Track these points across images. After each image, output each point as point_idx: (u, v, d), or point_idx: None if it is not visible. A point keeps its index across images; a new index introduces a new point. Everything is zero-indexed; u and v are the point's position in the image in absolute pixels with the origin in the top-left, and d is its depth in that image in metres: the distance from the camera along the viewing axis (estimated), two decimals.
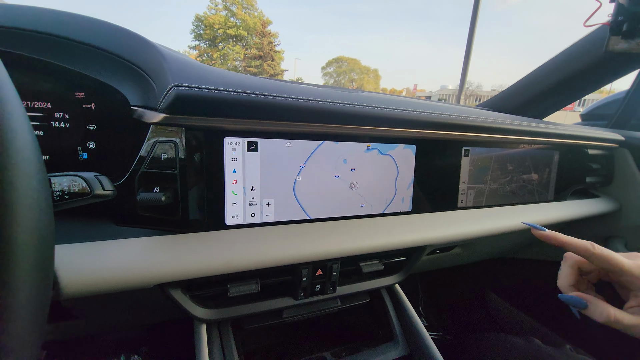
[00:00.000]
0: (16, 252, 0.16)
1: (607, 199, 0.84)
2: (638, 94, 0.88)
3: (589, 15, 0.66)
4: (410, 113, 0.48)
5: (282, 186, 0.44)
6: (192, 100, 0.34)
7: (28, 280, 0.17)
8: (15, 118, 0.17)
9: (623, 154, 0.83)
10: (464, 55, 6.82)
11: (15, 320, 0.17)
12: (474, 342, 0.64)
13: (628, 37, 0.59)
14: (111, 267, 0.33)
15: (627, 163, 0.82)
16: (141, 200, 0.35)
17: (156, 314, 0.60)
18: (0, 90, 0.17)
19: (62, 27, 0.37)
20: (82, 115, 0.37)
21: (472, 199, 0.62)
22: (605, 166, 0.83)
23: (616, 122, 0.92)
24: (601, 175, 0.83)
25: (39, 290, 0.18)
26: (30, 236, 0.17)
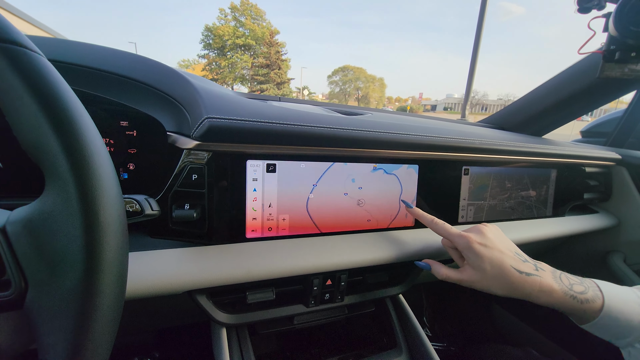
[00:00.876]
0: (107, 266, 0.21)
1: (606, 214, 0.86)
2: (635, 114, 0.92)
3: (582, 43, 0.70)
4: (414, 137, 0.53)
5: (296, 203, 0.49)
6: (222, 130, 0.40)
7: (112, 288, 0.21)
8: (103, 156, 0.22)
9: (620, 171, 0.86)
10: (470, 65, 6.88)
11: (98, 324, 0.21)
12: (472, 354, 0.67)
13: (620, 64, 0.63)
14: (150, 275, 0.38)
15: (624, 180, 0.85)
16: (176, 217, 0.40)
17: (171, 319, 0.64)
18: (91, 133, 0.22)
19: (110, 63, 0.43)
20: (125, 140, 0.43)
21: (472, 214, 0.66)
22: (603, 183, 0.86)
23: (614, 140, 0.95)
24: (599, 191, 0.86)
25: (118, 297, 0.22)
26: (116, 252, 0.21)
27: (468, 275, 0.43)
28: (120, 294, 0.22)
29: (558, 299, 0.39)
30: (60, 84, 0.21)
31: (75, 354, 0.20)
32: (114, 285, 0.21)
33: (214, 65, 30.71)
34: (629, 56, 0.60)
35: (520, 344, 0.70)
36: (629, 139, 0.94)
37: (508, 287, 0.41)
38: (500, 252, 0.42)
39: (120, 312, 0.23)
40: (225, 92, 0.52)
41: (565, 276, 0.41)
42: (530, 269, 0.41)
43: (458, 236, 0.45)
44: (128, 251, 0.24)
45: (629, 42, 0.56)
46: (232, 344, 0.47)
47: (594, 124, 1.08)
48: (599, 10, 0.64)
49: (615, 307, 0.37)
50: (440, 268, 0.47)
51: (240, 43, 29.62)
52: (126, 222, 0.23)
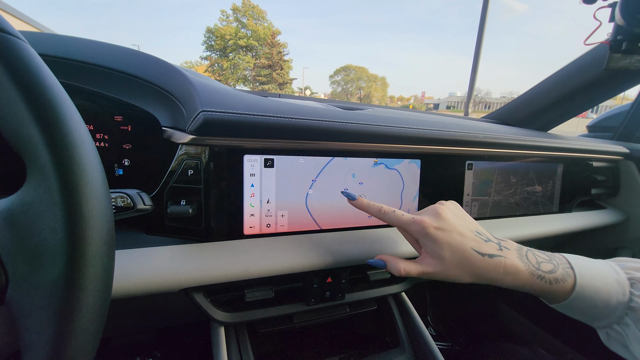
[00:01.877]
0: (90, 260, 0.20)
1: (613, 210, 0.84)
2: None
3: (589, 34, 0.69)
4: (415, 130, 0.52)
5: (295, 199, 0.48)
6: (217, 123, 0.39)
7: (97, 284, 0.20)
8: (88, 147, 0.22)
9: (628, 166, 0.84)
10: (472, 63, 6.83)
11: (82, 320, 0.20)
12: (479, 352, 0.66)
13: (627, 54, 0.61)
14: (145, 272, 0.37)
15: (632, 175, 0.83)
16: (171, 213, 0.39)
17: (170, 318, 0.63)
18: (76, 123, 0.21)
19: (104, 57, 0.43)
20: (119, 136, 0.42)
21: (476, 210, 0.65)
22: (610, 178, 0.84)
23: (621, 135, 0.93)
24: (607, 187, 0.84)
25: (103, 293, 0.21)
26: (100, 246, 0.20)
27: (428, 265, 0.37)
28: (105, 291, 0.21)
29: (524, 281, 0.35)
30: (42, 70, 0.20)
31: (57, 351, 0.19)
32: (98, 280, 0.21)
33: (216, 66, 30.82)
34: (636, 46, 0.59)
35: (527, 342, 0.68)
36: (637, 133, 0.91)
37: (472, 272, 0.36)
38: (460, 235, 0.36)
39: (106, 310, 0.22)
40: (222, 87, 0.52)
41: (532, 253, 0.37)
42: (493, 250, 0.36)
43: (411, 222, 0.39)
44: (114, 246, 0.23)
45: (636, 31, 0.54)
46: (230, 343, 0.46)
47: (601, 118, 1.06)
48: (604, 0, 0.62)
49: (589, 286, 0.33)
50: (397, 263, 0.39)
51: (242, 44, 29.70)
52: (112, 216, 0.22)
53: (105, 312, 0.23)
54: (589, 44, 0.68)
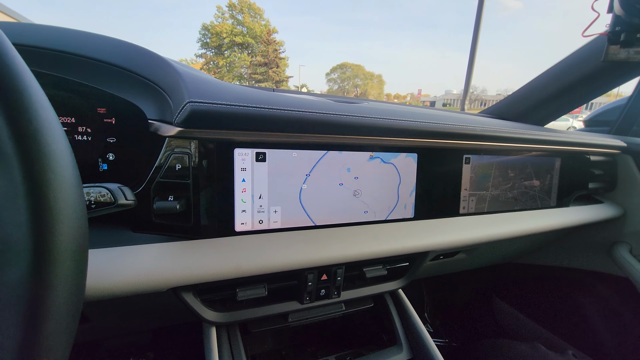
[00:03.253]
0: (59, 257, 0.18)
1: (611, 204, 0.84)
2: (639, 101, 0.89)
3: (587, 26, 0.67)
4: (411, 123, 0.50)
5: (289, 194, 0.46)
6: (205, 115, 0.37)
7: (67, 283, 0.19)
8: (57, 138, 0.20)
9: (626, 160, 0.83)
10: (468, 60, 6.84)
11: (53, 320, 0.19)
12: (479, 349, 0.65)
13: (626, 46, 0.60)
14: (129, 272, 0.36)
15: (630, 169, 0.82)
16: (157, 209, 0.37)
17: (162, 319, 0.62)
18: (45, 113, 0.19)
19: (86, 47, 0.41)
20: (103, 129, 0.40)
21: (473, 205, 0.63)
22: (608, 172, 0.83)
23: (618, 129, 0.93)
24: (604, 181, 0.83)
25: (75, 293, 0.20)
26: (70, 243, 0.19)
27: None
28: (77, 290, 0.20)
29: None
30: (7, 56, 0.18)
31: (25, 353, 0.17)
32: (69, 279, 0.19)
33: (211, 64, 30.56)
34: (634, 37, 0.58)
35: (524, 338, 0.68)
36: (634, 126, 0.91)
37: None
38: None
39: (78, 310, 0.21)
40: (211, 78, 0.50)
41: None
42: None
43: None
44: (87, 242, 0.21)
45: (635, 21, 0.53)
46: (221, 344, 0.44)
47: (598, 112, 1.05)
48: None
49: None
50: None
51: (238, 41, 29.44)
52: (85, 210, 0.21)
53: (78, 313, 0.21)
54: (587, 36, 0.66)
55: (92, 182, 0.36)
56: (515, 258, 1.06)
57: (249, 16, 29.81)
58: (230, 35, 29.16)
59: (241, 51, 30.83)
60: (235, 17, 29.72)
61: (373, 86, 51.69)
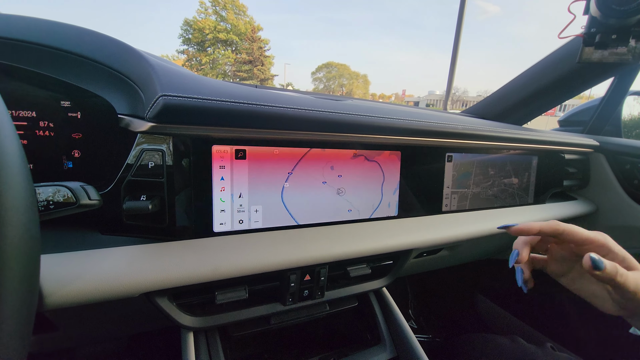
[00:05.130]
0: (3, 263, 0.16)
1: (584, 201, 0.87)
2: (611, 102, 0.93)
3: (563, 27, 0.70)
4: (396, 121, 0.50)
5: (270, 193, 0.45)
6: (180, 110, 0.35)
7: (14, 291, 0.17)
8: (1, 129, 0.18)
9: (598, 158, 0.87)
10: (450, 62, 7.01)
11: (1, 331, 0.17)
12: (461, 344, 0.66)
13: (600, 47, 0.62)
14: (96, 277, 0.33)
15: (602, 167, 0.86)
16: (127, 209, 0.34)
17: (140, 324, 0.59)
18: None
19: (47, 36, 0.37)
20: (67, 124, 0.37)
21: (455, 203, 0.64)
22: (581, 170, 0.87)
23: (591, 128, 0.97)
24: (578, 178, 0.86)
25: (25, 302, 0.18)
26: (16, 248, 0.17)
27: None
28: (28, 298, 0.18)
29: None
30: None
31: None
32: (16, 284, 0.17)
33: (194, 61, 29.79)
34: (609, 39, 0.59)
35: (505, 332, 0.69)
36: (606, 126, 0.95)
37: None
38: None
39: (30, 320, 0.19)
40: (186, 71, 0.47)
41: None
42: None
43: None
44: (39, 246, 0.19)
45: (611, 22, 0.55)
46: (199, 350, 0.42)
47: (572, 113, 1.10)
48: None
49: None
50: None
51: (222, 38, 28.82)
52: (35, 211, 0.19)
53: (31, 322, 0.19)
54: (563, 37, 0.68)
55: (57, 180, 0.33)
56: (495, 254, 1.09)
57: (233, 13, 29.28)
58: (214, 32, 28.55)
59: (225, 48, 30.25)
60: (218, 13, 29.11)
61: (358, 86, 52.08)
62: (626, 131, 1.02)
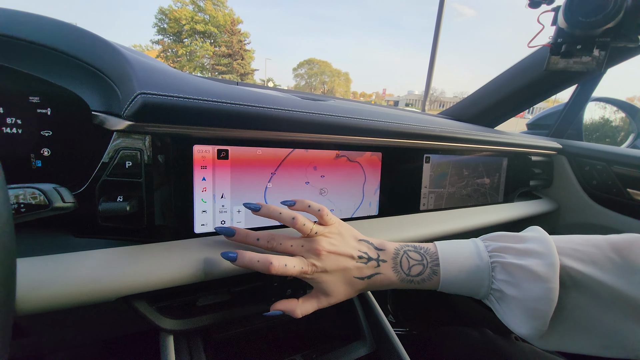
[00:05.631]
0: None
1: (547, 200, 0.94)
2: (574, 107, 1.01)
3: (532, 37, 0.74)
4: (378, 123, 0.51)
5: (253, 193, 0.45)
6: (159, 109, 0.34)
7: None
8: None
9: (561, 160, 0.93)
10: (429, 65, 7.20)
11: None
12: (435, 337, 0.69)
13: (566, 56, 0.67)
14: (70, 281, 0.32)
15: (564, 168, 0.93)
16: (103, 211, 0.33)
17: (116, 328, 0.57)
18: None
19: (14, 27, 0.35)
20: (36, 120, 0.35)
21: (432, 202, 0.67)
22: (545, 171, 0.93)
23: (555, 132, 1.04)
24: (542, 179, 0.93)
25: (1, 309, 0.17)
26: None
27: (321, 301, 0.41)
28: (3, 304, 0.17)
29: (397, 285, 0.40)
30: None
31: None
32: None
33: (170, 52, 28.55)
34: (574, 49, 0.64)
35: (477, 324, 0.74)
36: (569, 130, 1.02)
37: (355, 291, 0.41)
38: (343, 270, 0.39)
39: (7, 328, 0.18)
40: (166, 67, 0.46)
41: (407, 257, 0.40)
42: (371, 270, 0.40)
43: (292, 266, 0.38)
44: (14, 251, 0.18)
45: (576, 33, 0.59)
46: (180, 353, 0.42)
47: (538, 117, 1.17)
48: (548, 4, 0.67)
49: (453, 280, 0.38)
50: (294, 309, 0.41)
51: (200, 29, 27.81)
52: (10, 215, 0.18)
53: (8, 331, 0.18)
54: (532, 46, 0.73)
55: (25, 181, 0.31)
56: None
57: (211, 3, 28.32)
58: (191, 22, 27.48)
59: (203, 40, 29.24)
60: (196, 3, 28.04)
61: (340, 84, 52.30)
62: (587, 134, 1.11)
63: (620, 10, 0.55)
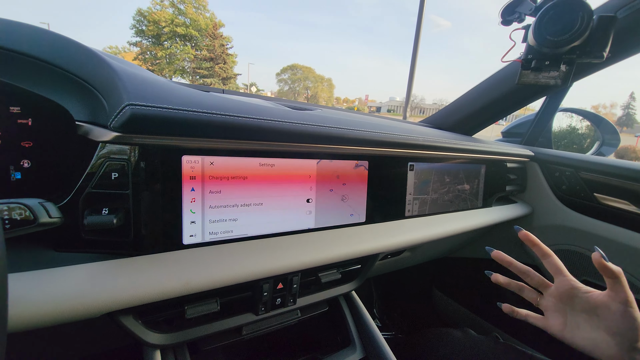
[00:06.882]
0: None
1: (522, 204, 0.99)
2: (544, 117, 1.07)
3: (504, 53, 0.79)
4: (364, 133, 0.53)
5: (242, 204, 0.45)
6: (148, 120, 0.33)
7: None
8: None
9: (533, 166, 0.99)
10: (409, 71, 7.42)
11: None
12: (420, 339, 0.71)
13: (536, 71, 0.72)
14: (52, 298, 0.30)
15: (536, 174, 0.99)
16: (89, 224, 0.32)
17: (101, 343, 0.54)
18: None
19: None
20: (16, 131, 0.34)
21: (417, 208, 0.69)
22: (520, 176, 0.99)
23: (527, 140, 1.10)
24: (517, 184, 0.98)
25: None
26: None
27: None
28: None
29: None
30: None
31: None
32: None
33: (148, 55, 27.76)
34: (543, 64, 0.68)
35: (459, 325, 0.77)
36: (540, 138, 1.09)
37: None
38: None
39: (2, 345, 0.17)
40: (154, 77, 0.45)
41: None
42: None
43: None
44: (5, 270, 0.17)
45: (545, 50, 0.63)
46: None
47: (512, 126, 1.24)
48: (519, 22, 0.72)
49: None
50: None
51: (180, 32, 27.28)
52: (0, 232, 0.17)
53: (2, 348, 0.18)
54: (505, 61, 0.78)
55: (3, 194, 0.30)
56: (450, 253, 1.19)
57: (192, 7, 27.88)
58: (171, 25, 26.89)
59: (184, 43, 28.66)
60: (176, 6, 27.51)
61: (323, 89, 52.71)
62: (556, 141, 1.18)
63: (587, 29, 0.60)
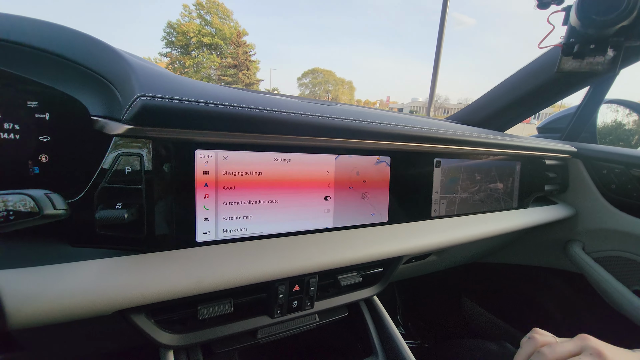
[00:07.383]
0: None
1: (564, 205, 0.90)
2: (587, 109, 0.97)
3: (542, 37, 0.72)
4: (385, 126, 0.49)
5: (258, 200, 0.43)
6: (160, 112, 0.33)
7: None
8: None
9: (576, 163, 0.90)
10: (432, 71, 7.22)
11: None
12: (450, 350, 0.65)
13: (578, 57, 0.64)
14: (64, 294, 0.30)
15: (580, 172, 0.89)
16: (101, 219, 0.32)
17: (113, 343, 0.55)
18: None
19: (12, 31, 0.34)
20: (34, 126, 0.34)
21: (444, 208, 0.64)
22: (560, 175, 0.90)
23: (568, 135, 1.00)
24: (558, 183, 0.89)
25: None
26: None
27: None
28: None
29: None
30: None
31: None
32: None
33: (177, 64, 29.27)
34: (587, 48, 0.61)
35: (492, 337, 0.70)
36: (582, 133, 0.99)
37: None
38: None
39: None
40: (167, 71, 0.45)
41: None
42: None
43: None
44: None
45: (590, 32, 0.56)
46: None
47: (549, 120, 1.14)
48: (557, 5, 0.65)
49: None
50: None
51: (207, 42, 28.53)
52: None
53: None
54: (543, 47, 0.71)
55: (22, 187, 0.30)
56: (480, 258, 1.11)
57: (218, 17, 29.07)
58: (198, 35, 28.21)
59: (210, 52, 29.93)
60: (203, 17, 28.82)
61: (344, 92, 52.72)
62: (600, 137, 1.07)
63: (635, 8, 0.53)
